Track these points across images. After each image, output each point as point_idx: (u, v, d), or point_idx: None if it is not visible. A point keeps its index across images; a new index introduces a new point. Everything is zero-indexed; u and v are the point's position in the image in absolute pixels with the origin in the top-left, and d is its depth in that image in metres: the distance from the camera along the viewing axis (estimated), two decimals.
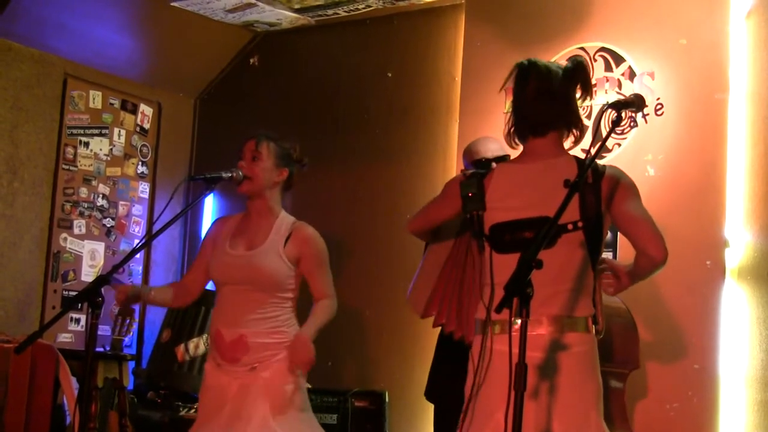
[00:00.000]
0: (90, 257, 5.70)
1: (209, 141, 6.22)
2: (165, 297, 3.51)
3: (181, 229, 6.20)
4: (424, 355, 4.50)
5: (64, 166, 5.56)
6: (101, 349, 5.30)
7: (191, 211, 6.13)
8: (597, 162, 2.60)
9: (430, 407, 3.88)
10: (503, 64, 4.55)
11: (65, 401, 4.61)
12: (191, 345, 5.12)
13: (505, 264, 2.53)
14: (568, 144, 2.75)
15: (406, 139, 5.31)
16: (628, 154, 4.32)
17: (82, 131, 5.67)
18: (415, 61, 5.35)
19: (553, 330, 2.57)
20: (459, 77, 5.05)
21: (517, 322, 2.26)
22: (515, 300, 2.19)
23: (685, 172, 4.20)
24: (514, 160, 2.80)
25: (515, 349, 2.25)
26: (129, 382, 5.37)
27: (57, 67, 5.54)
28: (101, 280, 2.86)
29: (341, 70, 5.66)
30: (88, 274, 5.65)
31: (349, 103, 5.59)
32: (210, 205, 6.07)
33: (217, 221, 3.57)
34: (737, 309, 4.04)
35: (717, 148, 4.13)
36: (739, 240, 4.08)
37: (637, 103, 2.64)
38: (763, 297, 4.00)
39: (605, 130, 2.64)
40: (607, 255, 4.00)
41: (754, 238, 4.05)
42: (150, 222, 5.94)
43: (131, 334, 5.53)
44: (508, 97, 3.15)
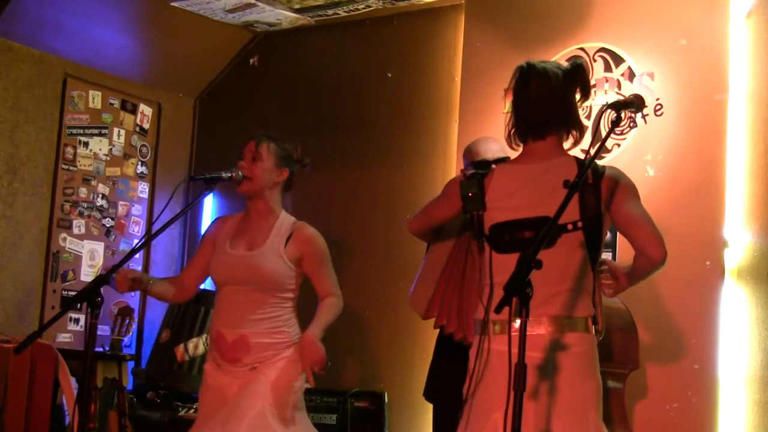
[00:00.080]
0: (89, 257, 5.70)
1: (209, 141, 6.22)
2: (166, 291, 3.48)
3: (181, 229, 6.20)
4: (423, 355, 4.50)
5: (63, 166, 5.56)
6: (101, 349, 5.31)
7: (191, 211, 6.13)
8: (597, 162, 2.60)
9: (430, 407, 3.87)
10: (503, 64, 4.59)
11: (65, 401, 4.61)
12: (191, 345, 5.12)
13: (505, 264, 2.53)
14: (568, 145, 2.75)
15: (406, 139, 5.31)
16: (628, 154, 4.32)
17: (81, 131, 5.67)
18: (415, 62, 5.35)
19: (552, 330, 2.57)
20: (459, 77, 5.05)
21: (516, 322, 2.26)
22: (515, 300, 2.19)
23: (684, 172, 4.20)
24: (514, 160, 2.81)
25: (515, 349, 2.25)
26: (128, 382, 5.37)
27: (57, 67, 5.54)
28: (100, 280, 2.86)
29: (341, 70, 5.66)
30: (87, 274, 5.65)
31: (349, 103, 5.59)
32: (210, 205, 6.07)
33: (217, 220, 3.57)
34: (737, 309, 4.04)
35: (716, 149, 4.13)
36: (739, 240, 4.08)
37: (636, 103, 2.65)
38: (763, 297, 4.00)
39: (605, 130, 2.65)
40: (607, 255, 4.01)
41: (754, 238, 4.05)
42: (149, 222, 5.95)
43: (131, 334, 5.54)
44: (508, 98, 3.15)
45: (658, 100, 4.30)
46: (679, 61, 4.28)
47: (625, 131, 4.35)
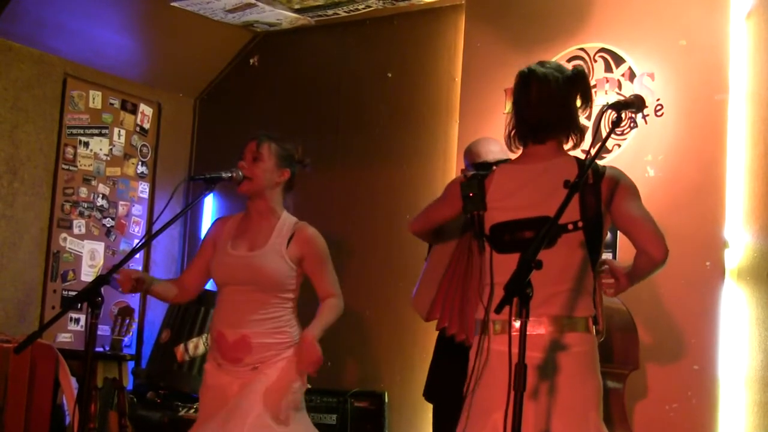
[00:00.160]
0: (90, 257, 5.70)
1: (209, 141, 6.22)
2: (167, 291, 3.47)
3: (181, 229, 6.20)
4: (423, 355, 4.50)
5: (63, 166, 5.56)
6: (101, 349, 5.31)
7: (191, 211, 6.13)
8: (597, 163, 2.61)
9: (430, 407, 3.88)
10: (503, 64, 4.59)
11: (65, 401, 4.61)
12: (191, 345, 5.12)
13: (505, 264, 2.54)
14: (568, 147, 2.76)
15: (406, 139, 5.31)
16: (628, 154, 4.32)
17: (81, 131, 5.67)
18: (415, 62, 5.35)
19: (552, 330, 2.57)
20: (459, 78, 5.05)
21: (517, 322, 2.26)
22: (515, 300, 2.19)
23: (684, 172, 4.20)
24: (514, 160, 2.81)
25: (515, 349, 2.25)
26: (128, 382, 5.37)
27: (57, 67, 5.54)
28: (101, 280, 2.86)
29: (341, 70, 5.66)
30: (87, 274, 5.65)
31: (349, 103, 5.59)
32: (210, 205, 6.07)
33: (217, 221, 3.57)
34: (737, 310, 4.04)
35: (717, 149, 4.13)
36: (739, 240, 4.08)
37: (637, 103, 2.65)
38: (763, 298, 4.00)
39: (605, 130, 2.65)
40: (607, 255, 4.01)
41: (754, 238, 4.05)
42: (150, 222, 5.94)
43: (131, 334, 5.54)
44: (508, 98, 3.15)
45: (658, 100, 4.30)
46: (680, 61, 4.28)
47: (625, 131, 4.35)
